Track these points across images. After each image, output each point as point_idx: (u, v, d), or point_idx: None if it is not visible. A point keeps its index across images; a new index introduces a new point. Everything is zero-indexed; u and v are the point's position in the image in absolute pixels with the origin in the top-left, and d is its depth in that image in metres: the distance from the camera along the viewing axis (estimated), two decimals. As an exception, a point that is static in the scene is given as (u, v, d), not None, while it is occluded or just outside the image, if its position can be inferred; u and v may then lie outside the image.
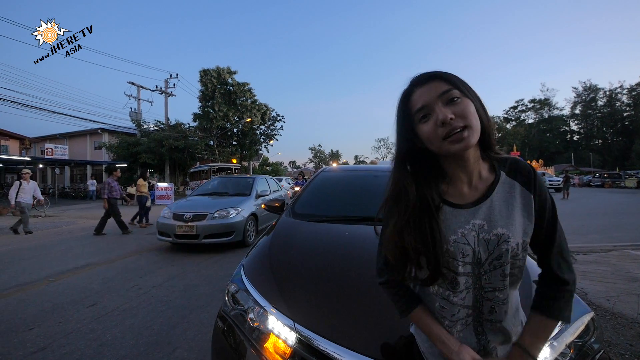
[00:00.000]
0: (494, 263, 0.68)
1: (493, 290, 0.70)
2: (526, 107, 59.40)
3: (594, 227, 7.55)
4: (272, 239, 1.80)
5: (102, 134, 26.24)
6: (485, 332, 0.72)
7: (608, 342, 2.31)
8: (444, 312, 0.74)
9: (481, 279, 0.70)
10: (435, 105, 0.66)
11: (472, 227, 0.69)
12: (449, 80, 0.68)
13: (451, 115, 0.64)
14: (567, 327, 1.10)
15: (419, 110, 0.68)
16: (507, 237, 0.67)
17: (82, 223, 9.50)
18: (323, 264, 1.53)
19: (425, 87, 0.68)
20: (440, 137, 0.65)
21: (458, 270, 0.70)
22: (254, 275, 1.46)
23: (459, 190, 0.73)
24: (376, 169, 3.06)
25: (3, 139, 24.34)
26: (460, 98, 0.66)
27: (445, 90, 0.66)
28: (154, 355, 2.23)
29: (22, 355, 2.25)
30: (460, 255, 0.69)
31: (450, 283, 0.71)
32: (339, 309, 1.20)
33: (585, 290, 3.33)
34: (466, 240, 0.69)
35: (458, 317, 0.72)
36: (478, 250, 0.69)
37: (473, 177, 0.72)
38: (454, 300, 0.72)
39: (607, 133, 50.98)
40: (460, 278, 0.70)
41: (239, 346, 1.21)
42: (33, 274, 4.28)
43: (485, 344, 0.72)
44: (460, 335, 0.73)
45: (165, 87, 25.13)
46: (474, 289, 0.71)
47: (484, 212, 0.70)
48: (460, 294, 0.71)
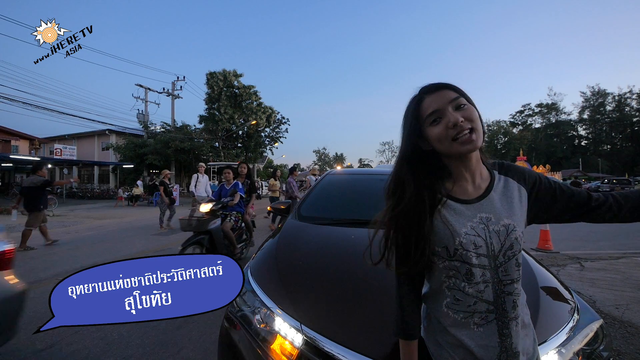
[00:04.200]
0: (507, 253, 0.73)
1: (511, 282, 0.74)
2: (533, 112, 58.83)
3: (603, 234, 7.43)
4: (278, 241, 1.82)
5: (109, 135, 26.62)
6: (512, 336, 0.72)
7: (617, 351, 2.27)
8: (458, 305, 0.75)
9: (498, 271, 0.73)
10: (446, 110, 0.74)
11: (480, 220, 0.75)
12: (456, 90, 0.76)
13: (461, 119, 0.72)
14: (575, 334, 1.10)
15: (431, 114, 0.75)
16: (514, 227, 0.74)
17: (89, 223, 9.64)
18: (329, 266, 1.54)
19: (435, 95, 0.76)
20: (450, 138, 0.73)
21: (472, 261, 0.73)
22: (261, 276, 1.47)
23: (464, 188, 0.79)
24: (381, 173, 3.07)
25: (13, 139, 24.80)
26: (467, 105, 0.75)
27: (455, 97, 0.75)
28: (159, 355, 2.25)
29: (31, 352, 2.29)
30: (473, 246, 0.73)
31: (465, 275, 0.74)
32: (346, 311, 1.20)
33: (593, 298, 3.28)
34: (476, 233, 0.74)
35: (475, 309, 0.73)
36: (491, 242, 0.73)
37: (476, 176, 0.80)
38: (470, 292, 0.73)
39: (616, 138, 50.23)
40: (475, 270, 0.73)
41: (245, 347, 1.22)
42: (41, 272, 4.36)
43: (508, 347, 0.72)
44: (480, 331, 0.73)
45: (172, 89, 25.43)
46: (492, 283, 0.73)
47: (488, 206, 0.76)
48: (477, 286, 0.73)
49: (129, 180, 23.50)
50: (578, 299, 1.32)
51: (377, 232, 0.83)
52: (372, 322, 1.13)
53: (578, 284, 3.72)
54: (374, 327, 1.12)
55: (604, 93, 50.31)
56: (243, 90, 27.61)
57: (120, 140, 25.33)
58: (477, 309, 0.73)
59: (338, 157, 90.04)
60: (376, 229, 0.83)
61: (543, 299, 1.24)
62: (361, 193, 2.61)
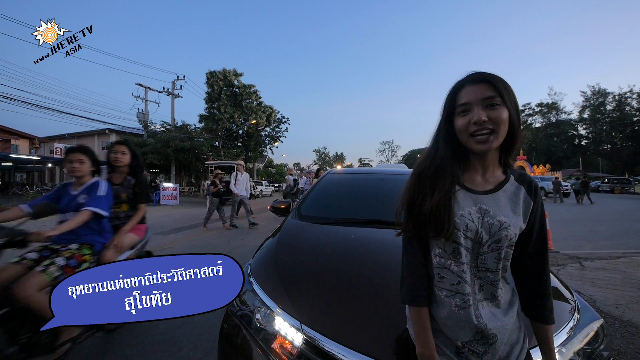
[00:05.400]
0: (493, 246, 0.77)
1: (485, 270, 0.78)
2: (533, 111, 58.78)
3: (603, 233, 7.43)
4: (278, 240, 1.82)
5: (109, 134, 26.62)
6: (483, 318, 0.76)
7: (617, 351, 2.27)
8: (443, 283, 0.80)
9: (477, 259, 0.78)
10: (476, 106, 0.76)
11: (478, 210, 0.78)
12: (496, 86, 0.76)
13: (485, 118, 0.74)
14: (576, 333, 1.09)
15: (462, 105, 0.78)
16: (508, 225, 0.76)
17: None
18: (329, 265, 1.54)
19: (474, 86, 0.77)
20: (469, 133, 0.76)
21: (460, 240, 0.78)
22: (261, 276, 1.47)
23: (473, 178, 0.83)
24: (382, 173, 3.06)
25: (13, 139, 24.81)
26: (499, 105, 0.75)
27: (490, 96, 0.75)
28: (159, 355, 2.25)
29: (31, 351, 2.29)
30: (464, 227, 0.77)
31: (452, 252, 0.79)
32: (345, 310, 1.20)
33: (593, 298, 3.28)
34: (471, 218, 0.78)
35: (458, 289, 0.77)
36: (481, 231, 0.77)
37: (488, 172, 0.82)
38: (454, 270, 0.78)
39: (616, 138, 50.17)
40: (461, 249, 0.78)
41: (246, 346, 1.22)
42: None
43: (483, 332, 0.75)
44: (461, 313, 0.76)
45: (172, 88, 25.43)
46: (470, 267, 0.78)
47: (491, 201, 0.79)
48: (462, 266, 0.78)
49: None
50: (578, 299, 1.32)
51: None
52: (372, 321, 1.13)
53: (578, 283, 3.72)
54: (374, 326, 1.12)
55: (604, 92, 50.26)
56: (243, 89, 27.59)
57: (120, 139, 25.30)
58: (459, 289, 0.77)
59: (338, 156, 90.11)
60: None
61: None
62: (361, 193, 2.61)
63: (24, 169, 26.28)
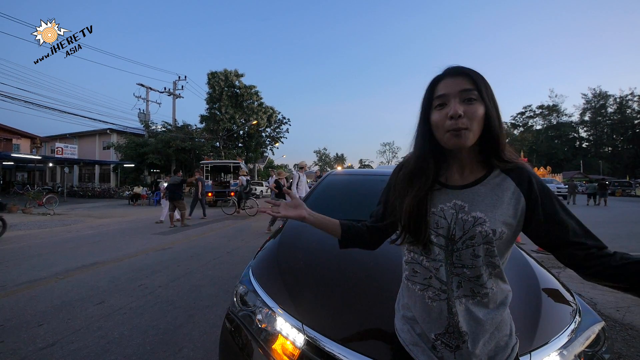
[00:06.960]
0: (467, 242, 0.74)
1: (462, 267, 0.75)
2: (534, 113, 58.84)
3: (604, 235, 7.31)
4: (280, 240, 1.82)
5: (110, 134, 26.68)
6: (458, 314, 0.73)
7: (618, 354, 2.27)
8: (416, 277, 0.81)
9: (453, 255, 0.75)
10: (453, 99, 0.72)
11: (452, 206, 0.76)
12: (474, 80, 0.73)
13: (461, 112, 0.70)
14: (577, 336, 1.09)
15: (439, 97, 0.75)
16: (483, 221, 0.72)
17: (89, 222, 9.64)
18: (331, 266, 1.54)
19: (452, 79, 0.74)
20: (445, 129, 0.72)
21: (431, 238, 0.77)
22: (262, 276, 1.47)
23: (449, 174, 0.81)
24: (382, 174, 3.07)
25: (15, 138, 24.86)
26: (476, 100, 0.72)
27: (467, 89, 0.72)
28: (160, 354, 2.25)
29: (32, 350, 2.29)
30: (435, 225, 0.77)
31: (424, 249, 0.79)
32: (347, 311, 1.20)
33: (594, 300, 3.28)
34: (443, 215, 0.76)
35: (431, 284, 0.77)
36: (453, 227, 0.75)
37: (465, 168, 0.79)
38: (426, 265, 0.79)
39: (617, 140, 50.14)
40: (433, 247, 0.77)
41: (247, 347, 1.22)
42: (42, 271, 4.36)
43: (455, 327, 0.73)
44: (433, 305, 0.76)
45: (173, 89, 25.49)
46: (445, 264, 0.76)
47: (467, 196, 0.76)
48: (434, 263, 0.77)
49: (130, 180, 23.53)
50: (579, 301, 1.32)
51: None
52: (373, 323, 1.13)
53: (579, 286, 3.71)
54: (376, 327, 1.11)
55: (605, 95, 50.26)
56: (244, 90, 27.66)
57: (121, 139, 25.36)
58: (432, 283, 0.77)
59: (339, 157, 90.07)
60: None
61: (545, 301, 1.24)
62: (362, 194, 2.61)
63: (25, 169, 26.34)
